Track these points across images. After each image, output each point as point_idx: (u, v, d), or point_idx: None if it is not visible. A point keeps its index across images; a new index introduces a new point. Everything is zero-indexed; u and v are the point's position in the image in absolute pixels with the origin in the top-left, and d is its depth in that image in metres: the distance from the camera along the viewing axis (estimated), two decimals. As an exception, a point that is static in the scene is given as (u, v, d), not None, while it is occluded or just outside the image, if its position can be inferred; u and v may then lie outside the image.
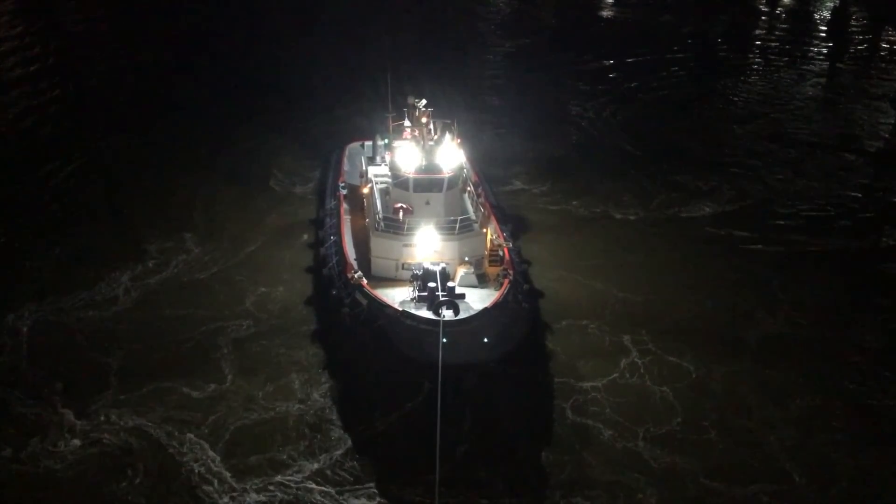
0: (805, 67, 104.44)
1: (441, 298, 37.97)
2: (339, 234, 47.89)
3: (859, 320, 48.87)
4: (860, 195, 66.73)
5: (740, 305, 49.57)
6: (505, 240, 46.84)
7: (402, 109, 50.57)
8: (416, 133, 47.51)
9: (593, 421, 39.48)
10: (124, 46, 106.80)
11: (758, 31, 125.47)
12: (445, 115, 49.96)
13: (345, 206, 51.56)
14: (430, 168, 44.68)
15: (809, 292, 51.25)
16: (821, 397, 41.85)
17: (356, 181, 54.63)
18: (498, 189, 61.56)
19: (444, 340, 34.76)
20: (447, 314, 37.14)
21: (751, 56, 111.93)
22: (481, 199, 49.36)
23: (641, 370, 43.06)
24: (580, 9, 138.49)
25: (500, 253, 45.22)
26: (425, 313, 37.84)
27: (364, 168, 53.49)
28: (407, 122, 49.95)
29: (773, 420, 40.10)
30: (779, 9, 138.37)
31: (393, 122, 51.13)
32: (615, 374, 42.64)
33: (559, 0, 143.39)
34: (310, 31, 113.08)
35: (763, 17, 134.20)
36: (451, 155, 45.79)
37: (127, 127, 76.47)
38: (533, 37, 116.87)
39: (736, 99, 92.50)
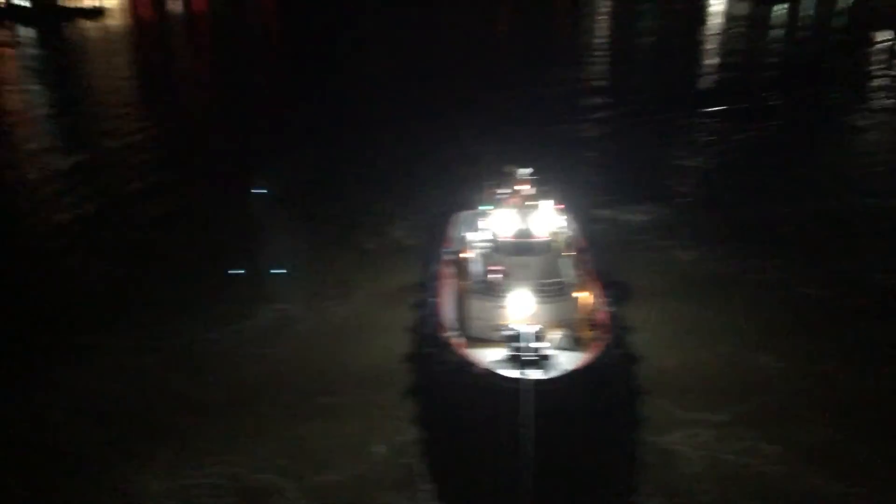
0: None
1: (529, 359, 38.53)
2: (439, 295, 49.80)
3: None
4: None
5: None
6: (603, 305, 46.91)
7: (502, 178, 52.63)
8: (515, 200, 49.20)
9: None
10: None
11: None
12: (550, 181, 51.53)
13: (448, 269, 53.57)
14: (526, 233, 46.32)
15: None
16: None
17: (460, 247, 56.70)
18: (603, 252, 61.51)
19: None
20: (533, 374, 37.58)
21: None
22: (583, 264, 49.94)
23: (743, 448, 41.62)
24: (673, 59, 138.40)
25: (597, 317, 45.29)
26: (512, 373, 38.47)
27: (467, 234, 55.56)
28: (506, 190, 51.81)
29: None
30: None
31: (493, 190, 53.21)
32: (712, 451, 41.29)
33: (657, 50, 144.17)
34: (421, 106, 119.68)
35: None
36: (549, 220, 47.19)
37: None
38: (636, 96, 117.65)
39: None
